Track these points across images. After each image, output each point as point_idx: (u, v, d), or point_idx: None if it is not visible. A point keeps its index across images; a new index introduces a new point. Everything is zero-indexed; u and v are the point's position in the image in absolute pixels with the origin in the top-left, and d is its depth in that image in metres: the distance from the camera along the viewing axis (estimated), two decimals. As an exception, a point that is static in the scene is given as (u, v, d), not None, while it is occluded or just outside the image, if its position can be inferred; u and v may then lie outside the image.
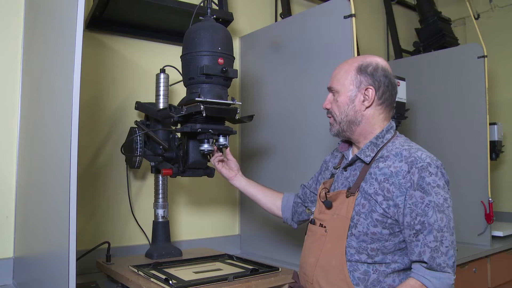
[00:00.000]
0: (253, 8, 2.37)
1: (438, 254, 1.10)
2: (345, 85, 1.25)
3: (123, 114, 1.86)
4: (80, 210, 1.33)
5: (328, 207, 1.25)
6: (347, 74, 1.26)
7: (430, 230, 1.11)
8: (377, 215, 1.15)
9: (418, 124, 2.62)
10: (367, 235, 1.16)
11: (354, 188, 1.20)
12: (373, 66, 1.25)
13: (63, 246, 0.97)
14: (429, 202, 1.11)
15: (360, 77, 1.24)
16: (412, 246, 1.14)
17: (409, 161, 1.14)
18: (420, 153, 1.16)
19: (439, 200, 1.12)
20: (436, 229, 1.11)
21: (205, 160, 1.60)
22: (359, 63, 1.26)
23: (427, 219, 1.11)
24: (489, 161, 2.28)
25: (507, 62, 3.20)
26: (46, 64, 1.29)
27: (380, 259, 1.16)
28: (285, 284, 1.46)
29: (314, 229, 1.29)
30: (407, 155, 1.16)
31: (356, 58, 1.29)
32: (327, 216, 1.25)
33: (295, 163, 1.90)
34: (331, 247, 1.21)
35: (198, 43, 1.43)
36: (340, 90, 1.26)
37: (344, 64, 1.29)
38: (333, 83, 1.29)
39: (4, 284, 1.52)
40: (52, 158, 1.14)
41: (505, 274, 2.42)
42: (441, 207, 1.12)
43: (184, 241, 2.00)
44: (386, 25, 3.23)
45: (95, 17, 1.74)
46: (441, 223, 1.11)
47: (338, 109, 1.27)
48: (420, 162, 1.13)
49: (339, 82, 1.27)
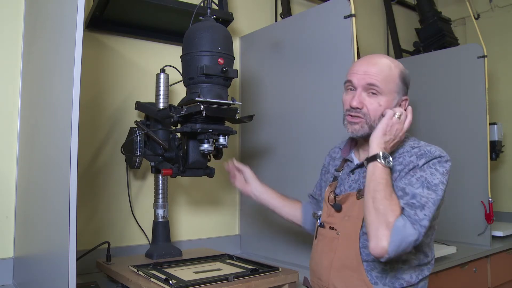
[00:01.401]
0: (253, 8, 2.37)
1: (412, 212, 1.06)
2: (391, 90, 1.18)
3: (123, 114, 1.86)
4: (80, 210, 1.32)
5: (338, 210, 1.23)
6: (393, 78, 1.18)
7: (413, 196, 1.08)
8: None
9: (418, 124, 2.62)
10: None
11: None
12: (408, 75, 1.22)
13: (63, 246, 0.97)
14: (420, 177, 1.11)
15: (402, 86, 1.20)
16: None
17: (419, 154, 1.15)
18: (430, 148, 1.17)
19: (432, 180, 1.10)
20: (417, 200, 1.07)
21: (205, 160, 1.60)
22: (400, 69, 1.21)
23: (412, 189, 1.09)
24: (489, 161, 2.28)
25: (507, 62, 3.20)
26: (46, 64, 1.29)
27: (396, 257, 1.14)
28: (285, 284, 1.46)
29: (325, 232, 1.26)
30: (417, 151, 1.17)
31: (391, 60, 1.22)
32: (336, 219, 1.24)
33: (295, 163, 1.90)
34: (345, 249, 1.19)
35: (198, 43, 1.43)
36: (385, 93, 1.17)
37: (384, 65, 1.19)
38: (377, 81, 1.17)
39: (4, 284, 1.52)
40: (52, 158, 1.14)
41: (505, 274, 2.42)
42: (432, 186, 1.09)
43: (184, 241, 2.00)
44: (386, 25, 3.23)
45: (95, 17, 1.74)
46: (428, 196, 1.08)
47: (374, 113, 1.18)
48: (430, 154, 1.14)
49: (385, 85, 1.17)
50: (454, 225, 2.35)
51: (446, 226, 2.28)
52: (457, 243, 2.21)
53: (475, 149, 2.32)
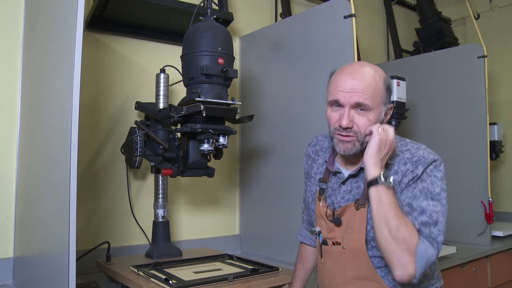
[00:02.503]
0: (253, 8, 2.37)
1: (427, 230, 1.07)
2: (379, 104, 1.15)
3: (123, 114, 1.86)
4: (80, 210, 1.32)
5: (338, 224, 1.21)
6: (379, 92, 1.15)
7: (421, 211, 1.08)
8: None
9: (418, 124, 2.62)
10: None
11: (363, 200, 1.17)
12: (390, 81, 1.19)
13: (63, 246, 0.97)
14: (423, 188, 1.10)
15: (387, 95, 1.17)
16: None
17: (413, 161, 1.14)
18: (422, 152, 1.15)
19: (434, 189, 1.11)
20: (427, 215, 1.08)
21: (205, 160, 1.60)
22: (383, 78, 1.17)
23: (417, 202, 1.09)
24: (489, 161, 2.28)
25: (507, 62, 3.20)
26: (46, 64, 1.29)
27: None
28: (285, 284, 1.46)
29: (330, 249, 1.23)
30: (409, 156, 1.15)
31: (376, 69, 1.17)
32: (339, 233, 1.21)
33: (295, 163, 1.90)
34: (356, 261, 1.18)
35: (198, 43, 1.43)
36: (374, 108, 1.14)
37: (370, 77, 1.15)
38: (366, 100, 1.13)
39: (4, 284, 1.52)
40: (52, 158, 1.14)
41: (505, 274, 2.42)
42: (435, 196, 1.10)
43: (184, 241, 2.00)
44: (386, 25, 3.23)
45: (95, 17, 1.74)
46: (430, 209, 1.08)
47: (365, 129, 1.15)
48: (425, 160, 1.13)
49: (373, 100, 1.14)
50: (454, 225, 2.34)
51: (446, 226, 2.27)
52: (457, 243, 2.21)
53: (475, 149, 2.32)
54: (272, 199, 2.01)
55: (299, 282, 1.44)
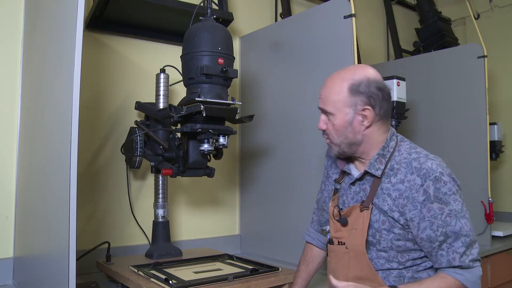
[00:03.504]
0: (253, 8, 2.37)
1: (467, 257, 1.12)
2: (339, 108, 1.17)
3: (123, 114, 1.86)
4: (80, 210, 1.33)
5: (344, 224, 1.23)
6: (340, 96, 1.17)
7: (457, 237, 1.12)
8: (398, 230, 1.16)
9: (418, 124, 2.62)
10: (393, 249, 1.18)
11: (367, 202, 1.19)
12: (364, 83, 1.15)
13: (63, 246, 0.97)
14: (450, 212, 1.12)
15: (354, 98, 1.15)
16: (437, 256, 1.14)
17: (421, 174, 1.13)
18: (431, 163, 1.14)
19: (458, 207, 1.13)
20: (464, 234, 1.12)
21: (205, 160, 1.60)
22: (350, 82, 1.16)
23: (451, 228, 1.12)
24: (489, 161, 2.28)
25: (507, 62, 3.20)
26: (46, 64, 1.29)
27: (411, 263, 1.18)
28: (285, 284, 1.46)
29: (335, 249, 1.25)
30: (417, 166, 1.14)
31: (344, 74, 1.19)
32: (344, 233, 1.23)
33: (295, 163, 1.90)
34: (358, 262, 1.19)
35: (198, 43, 1.43)
36: (334, 113, 1.18)
37: (333, 84, 1.19)
38: (325, 105, 1.20)
39: (4, 284, 1.52)
40: (52, 158, 1.14)
41: (505, 274, 2.42)
42: (461, 212, 1.13)
43: (184, 241, 2.00)
44: (386, 25, 3.23)
45: (95, 17, 1.74)
46: (466, 228, 1.13)
47: (335, 132, 1.20)
48: (433, 174, 1.12)
49: (333, 105, 1.18)
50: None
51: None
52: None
53: (475, 149, 2.32)
54: (272, 199, 2.01)
55: (301, 283, 1.43)
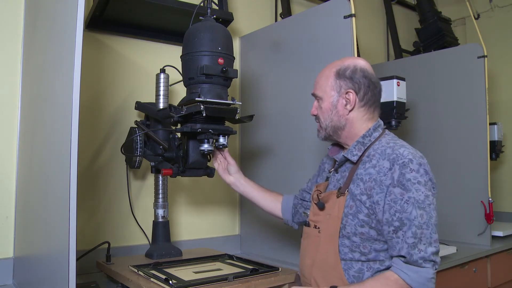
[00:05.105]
0: (253, 8, 2.37)
1: (415, 251, 1.09)
2: (326, 91, 1.28)
3: (123, 114, 1.86)
4: (80, 210, 1.33)
5: (321, 208, 1.26)
6: (328, 80, 1.28)
7: (410, 226, 1.10)
8: (362, 216, 1.16)
9: (418, 124, 2.62)
10: (356, 235, 1.17)
11: (343, 188, 1.22)
12: (351, 68, 1.26)
13: (63, 246, 0.97)
14: (409, 198, 1.11)
15: (339, 81, 1.26)
16: (392, 242, 1.13)
17: (391, 158, 1.15)
18: (403, 150, 1.16)
19: (419, 197, 1.11)
20: (416, 225, 1.10)
21: (205, 160, 1.60)
22: (338, 67, 1.28)
23: (406, 215, 1.10)
24: (489, 161, 2.28)
25: (507, 62, 3.20)
26: (46, 64, 1.29)
27: (373, 257, 1.17)
28: (285, 284, 1.46)
29: (309, 231, 1.31)
30: (390, 152, 1.17)
31: (335, 63, 1.30)
32: (320, 217, 1.26)
33: (295, 163, 1.90)
34: (326, 247, 1.22)
35: (198, 43, 1.43)
36: (322, 96, 1.29)
37: (325, 70, 1.31)
38: (315, 90, 1.32)
39: (4, 284, 1.52)
40: (52, 158, 1.14)
41: (505, 274, 2.42)
42: (422, 203, 1.11)
43: (184, 241, 2.00)
44: (386, 25, 3.23)
45: (95, 17, 1.74)
46: (420, 219, 1.10)
47: (322, 115, 1.30)
48: (402, 159, 1.13)
49: (321, 89, 1.30)
50: (454, 225, 2.35)
51: (446, 226, 2.28)
52: (457, 243, 2.20)
53: (475, 149, 2.32)
54: (272, 199, 2.01)
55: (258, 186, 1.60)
